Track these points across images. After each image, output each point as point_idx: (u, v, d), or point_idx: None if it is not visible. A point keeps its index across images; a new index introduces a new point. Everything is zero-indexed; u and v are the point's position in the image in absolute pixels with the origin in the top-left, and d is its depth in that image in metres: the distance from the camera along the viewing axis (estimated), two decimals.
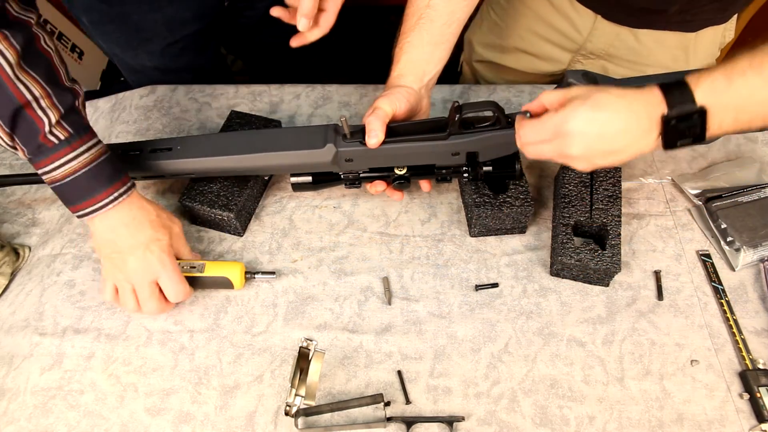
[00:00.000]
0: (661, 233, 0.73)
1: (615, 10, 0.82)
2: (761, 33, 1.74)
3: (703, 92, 0.48)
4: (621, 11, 0.81)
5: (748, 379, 0.60)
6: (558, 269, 0.68)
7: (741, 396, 0.60)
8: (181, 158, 0.68)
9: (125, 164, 0.67)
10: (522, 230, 0.73)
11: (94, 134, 0.60)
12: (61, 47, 1.83)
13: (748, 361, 0.62)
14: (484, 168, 0.67)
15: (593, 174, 0.72)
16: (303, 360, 0.57)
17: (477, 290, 0.68)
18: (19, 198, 0.81)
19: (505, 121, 0.63)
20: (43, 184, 0.82)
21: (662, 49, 0.85)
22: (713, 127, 0.49)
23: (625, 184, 0.76)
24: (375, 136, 0.63)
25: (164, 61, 0.96)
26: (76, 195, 0.59)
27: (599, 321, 0.66)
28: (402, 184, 0.69)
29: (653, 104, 0.50)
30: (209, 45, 1.02)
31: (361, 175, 0.69)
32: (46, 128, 0.56)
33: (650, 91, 0.50)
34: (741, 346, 0.63)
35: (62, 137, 0.57)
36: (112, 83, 2.00)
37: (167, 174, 0.71)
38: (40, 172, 0.58)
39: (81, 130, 0.59)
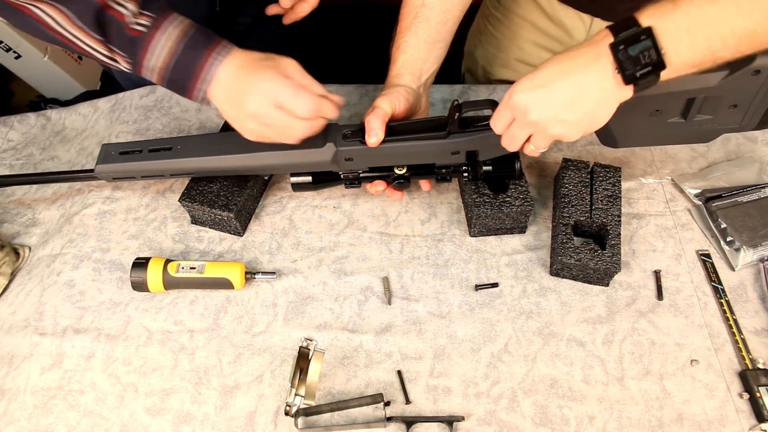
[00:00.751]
0: (660, 233, 0.73)
1: (619, 8, 0.81)
2: None
3: (647, 15, 0.48)
4: (626, 8, 0.81)
5: (748, 378, 0.60)
6: (558, 269, 0.68)
7: (741, 396, 0.60)
8: (181, 158, 0.68)
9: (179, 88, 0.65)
10: (522, 230, 0.73)
11: (173, 12, 0.60)
12: (60, 47, 1.83)
13: (747, 361, 0.62)
14: (484, 168, 0.67)
15: (593, 174, 0.73)
16: (303, 360, 0.57)
17: (477, 290, 0.68)
18: (19, 198, 0.81)
19: None
20: (43, 184, 0.82)
21: None
22: (670, 51, 0.48)
23: (625, 184, 0.76)
24: (375, 135, 0.63)
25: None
26: (184, 75, 0.59)
27: (599, 321, 0.66)
28: (402, 183, 0.69)
29: (598, 41, 0.50)
30: None
31: (361, 174, 0.69)
32: (130, 20, 0.57)
33: (596, 35, 0.51)
34: (741, 345, 0.63)
35: (147, 23, 0.58)
36: (112, 83, 2.00)
37: (167, 174, 0.71)
38: (145, 72, 0.60)
39: (160, 10, 0.59)
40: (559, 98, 0.52)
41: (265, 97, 0.59)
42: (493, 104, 0.62)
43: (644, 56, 0.48)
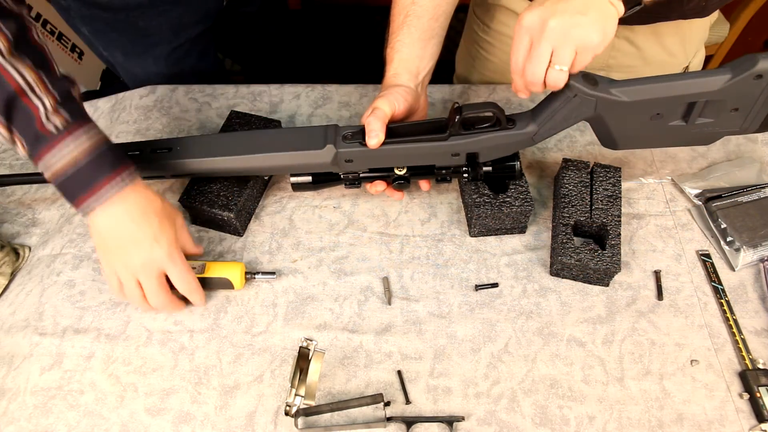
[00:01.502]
0: (661, 233, 0.73)
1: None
2: (761, 33, 1.74)
3: None
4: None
5: (748, 379, 0.60)
6: (558, 269, 0.68)
7: (741, 396, 0.60)
8: (181, 158, 0.68)
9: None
10: (522, 230, 0.73)
11: (91, 121, 0.59)
12: (60, 47, 1.83)
13: (747, 361, 0.62)
14: (484, 168, 0.67)
15: (593, 174, 0.73)
16: (303, 360, 0.57)
17: (477, 290, 0.68)
18: (19, 198, 0.81)
19: (505, 121, 0.63)
20: (43, 184, 0.82)
21: (659, 44, 0.84)
22: None
23: (625, 184, 0.76)
24: (375, 137, 0.63)
25: (168, 65, 0.96)
26: (78, 186, 0.57)
27: (599, 321, 0.66)
28: (402, 184, 0.69)
29: None
30: (209, 48, 1.02)
31: (361, 175, 0.69)
32: (43, 115, 0.54)
33: None
34: (741, 346, 0.63)
35: (60, 125, 0.55)
36: (112, 83, 2.00)
37: (167, 174, 0.71)
38: (40, 166, 0.57)
39: (78, 116, 0.57)
40: (569, 4, 0.55)
41: (155, 263, 0.60)
42: (494, 107, 0.62)
43: None
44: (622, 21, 0.57)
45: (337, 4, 1.94)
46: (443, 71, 0.79)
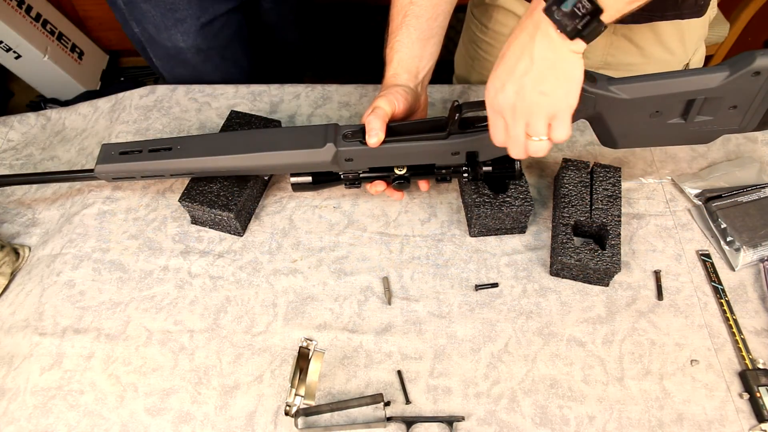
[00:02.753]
0: (661, 233, 0.73)
1: None
2: (761, 33, 1.74)
3: None
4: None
5: (748, 378, 0.60)
6: (558, 269, 0.68)
7: (741, 396, 0.60)
8: (181, 158, 0.68)
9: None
10: (522, 230, 0.73)
11: None
12: (60, 47, 1.83)
13: (747, 361, 0.62)
14: (484, 168, 0.67)
15: (593, 174, 0.72)
16: (303, 360, 0.57)
17: (477, 290, 0.68)
18: (19, 198, 0.81)
19: None
20: (43, 184, 0.82)
21: (659, 42, 0.84)
22: None
23: (625, 184, 0.76)
24: (375, 136, 0.63)
25: (198, 41, 0.97)
26: None
27: (599, 321, 0.66)
28: (402, 184, 0.69)
29: (533, 10, 0.52)
30: (242, 29, 1.04)
31: (361, 175, 0.69)
32: None
33: (531, 5, 0.52)
34: (741, 345, 0.63)
35: None
36: (112, 83, 2.00)
37: (167, 174, 0.71)
38: None
39: None
40: (526, 78, 0.53)
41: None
42: None
43: (579, 9, 0.49)
44: (619, 21, 0.56)
45: (338, 4, 1.94)
46: (443, 71, 0.79)
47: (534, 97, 0.53)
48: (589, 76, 0.60)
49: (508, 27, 0.89)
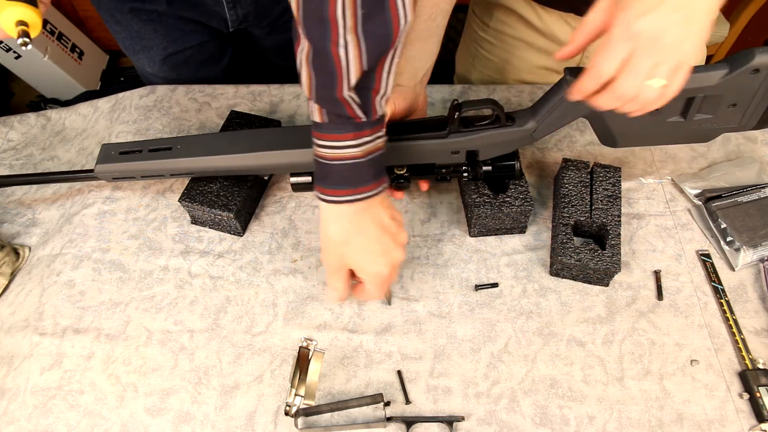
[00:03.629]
0: (660, 233, 0.73)
1: None
2: (761, 33, 1.74)
3: None
4: None
5: (748, 378, 0.60)
6: (558, 269, 0.68)
7: (741, 396, 0.60)
8: (181, 158, 0.68)
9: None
10: (522, 230, 0.73)
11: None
12: (60, 47, 1.83)
13: (747, 361, 0.62)
14: (484, 168, 0.67)
15: (593, 174, 0.73)
16: (303, 360, 0.57)
17: (477, 290, 0.68)
18: (19, 198, 0.81)
19: (504, 118, 0.63)
20: (43, 184, 0.82)
21: None
22: None
23: (624, 184, 0.76)
24: None
25: (165, 69, 0.96)
26: (353, 179, 0.56)
27: (599, 321, 0.66)
28: (402, 183, 0.69)
29: None
30: (222, 57, 1.01)
31: None
32: (378, 98, 0.53)
33: None
34: (741, 345, 0.63)
35: (369, 118, 0.54)
36: (112, 83, 2.00)
37: (167, 174, 0.71)
38: (332, 143, 0.55)
39: (381, 117, 0.56)
40: (676, 14, 0.47)
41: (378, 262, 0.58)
42: (493, 104, 0.62)
43: None
44: None
45: None
46: (443, 71, 0.79)
47: (679, 35, 0.48)
48: None
49: (510, 25, 0.89)
